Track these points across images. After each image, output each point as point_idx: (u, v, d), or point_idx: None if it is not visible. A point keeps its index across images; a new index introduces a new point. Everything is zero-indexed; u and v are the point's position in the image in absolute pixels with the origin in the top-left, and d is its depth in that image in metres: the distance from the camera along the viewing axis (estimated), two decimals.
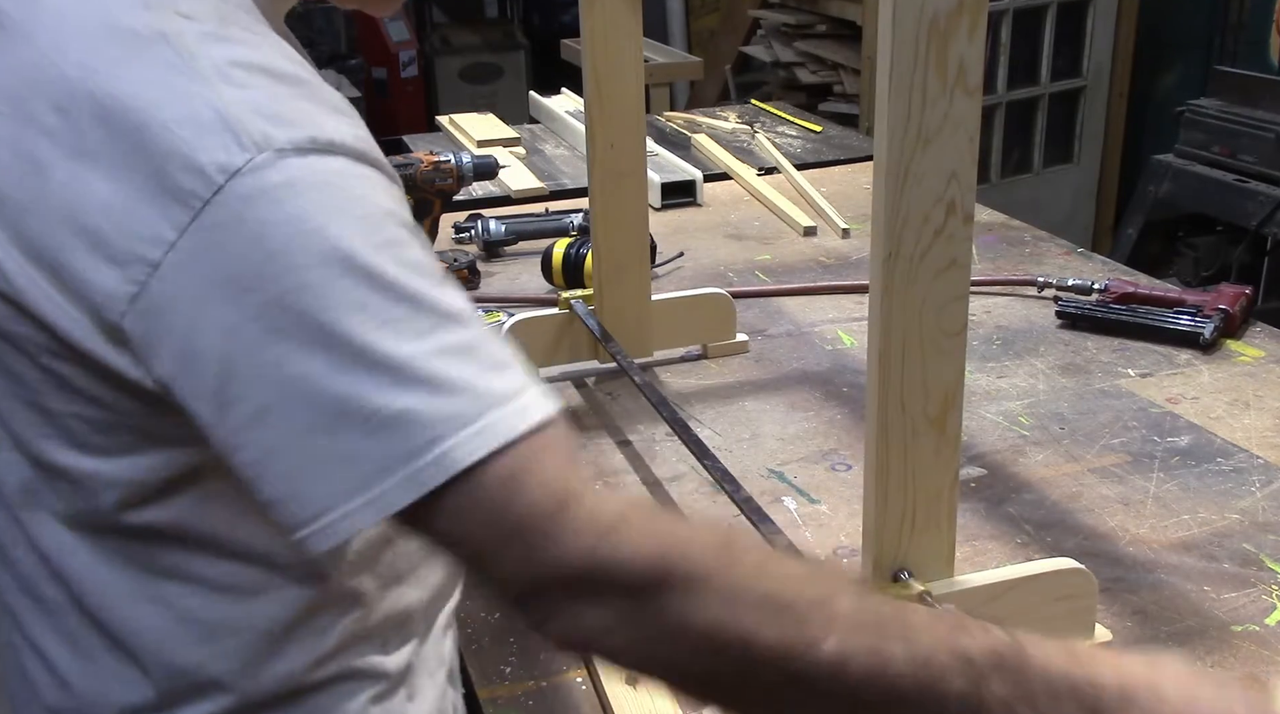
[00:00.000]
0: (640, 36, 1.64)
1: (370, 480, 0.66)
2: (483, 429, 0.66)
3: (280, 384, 0.66)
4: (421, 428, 0.65)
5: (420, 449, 0.65)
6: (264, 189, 0.66)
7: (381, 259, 0.67)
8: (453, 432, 0.65)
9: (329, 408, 0.65)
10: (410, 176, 2.19)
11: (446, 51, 6.36)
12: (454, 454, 0.65)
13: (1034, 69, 4.16)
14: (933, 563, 1.11)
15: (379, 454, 0.65)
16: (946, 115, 0.97)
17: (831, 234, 2.45)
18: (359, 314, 0.66)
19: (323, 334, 0.65)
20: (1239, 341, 1.90)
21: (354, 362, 0.65)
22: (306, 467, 0.67)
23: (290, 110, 0.70)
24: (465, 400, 0.66)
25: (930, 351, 1.04)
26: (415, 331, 0.67)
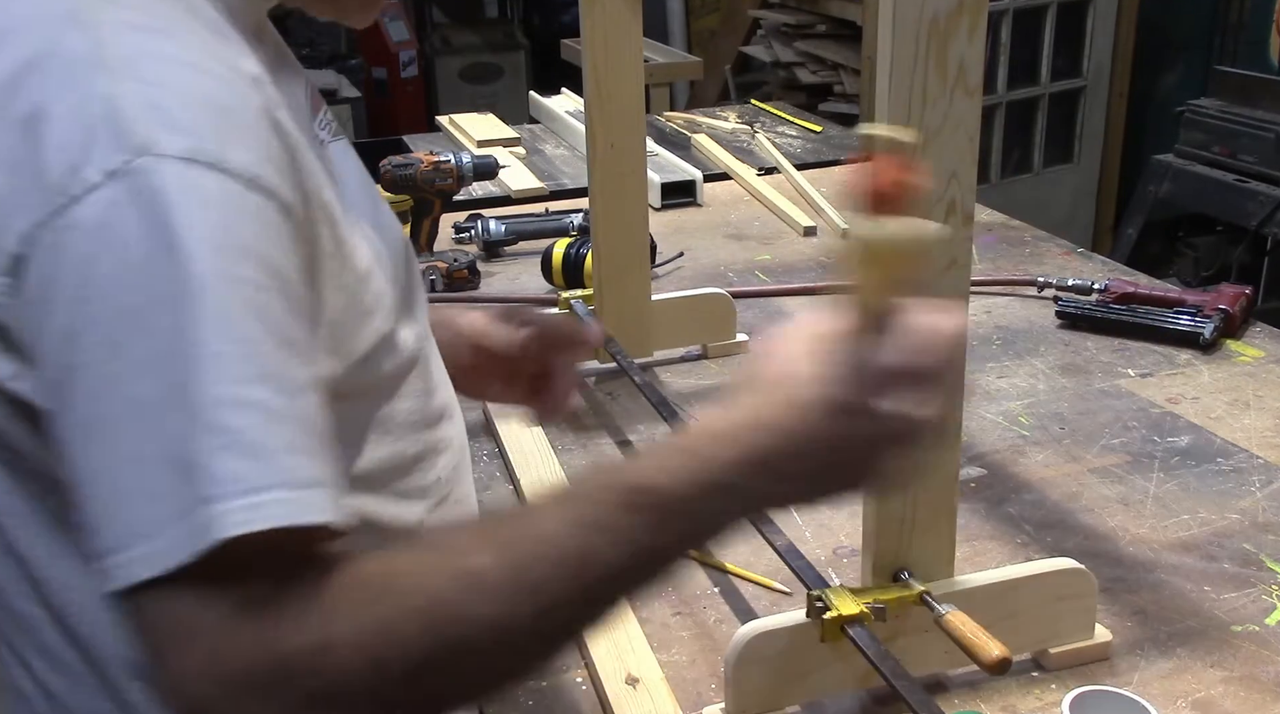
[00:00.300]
0: (640, 36, 1.64)
1: (161, 526, 0.61)
2: (258, 505, 0.61)
3: (109, 403, 0.63)
4: (201, 480, 0.61)
5: (186, 508, 0.61)
6: (133, 195, 0.64)
7: (231, 297, 0.64)
8: (230, 497, 0.61)
9: (147, 438, 0.62)
10: (410, 176, 2.20)
11: (446, 51, 6.37)
12: (220, 524, 0.61)
13: (1034, 69, 4.16)
14: (933, 563, 1.11)
15: (179, 497, 0.61)
16: (946, 115, 0.97)
17: (832, 234, 2.45)
18: (193, 348, 0.62)
19: (155, 361, 0.62)
20: (1239, 341, 1.90)
21: (172, 398, 0.62)
22: (118, 495, 0.62)
23: (190, 115, 0.66)
24: (254, 464, 0.62)
25: None
26: (234, 377, 0.63)
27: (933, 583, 1.10)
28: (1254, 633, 1.23)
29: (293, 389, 0.66)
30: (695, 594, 1.32)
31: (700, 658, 1.22)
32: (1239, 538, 1.39)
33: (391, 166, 2.20)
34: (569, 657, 1.22)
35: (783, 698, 1.11)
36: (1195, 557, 1.36)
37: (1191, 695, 1.14)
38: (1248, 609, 1.27)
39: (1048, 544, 1.39)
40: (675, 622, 1.28)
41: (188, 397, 0.62)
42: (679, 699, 1.15)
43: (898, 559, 1.10)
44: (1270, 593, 1.29)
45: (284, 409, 0.64)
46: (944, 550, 1.11)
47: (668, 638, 1.25)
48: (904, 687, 0.99)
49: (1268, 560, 1.35)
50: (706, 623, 1.27)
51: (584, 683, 1.19)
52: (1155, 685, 1.16)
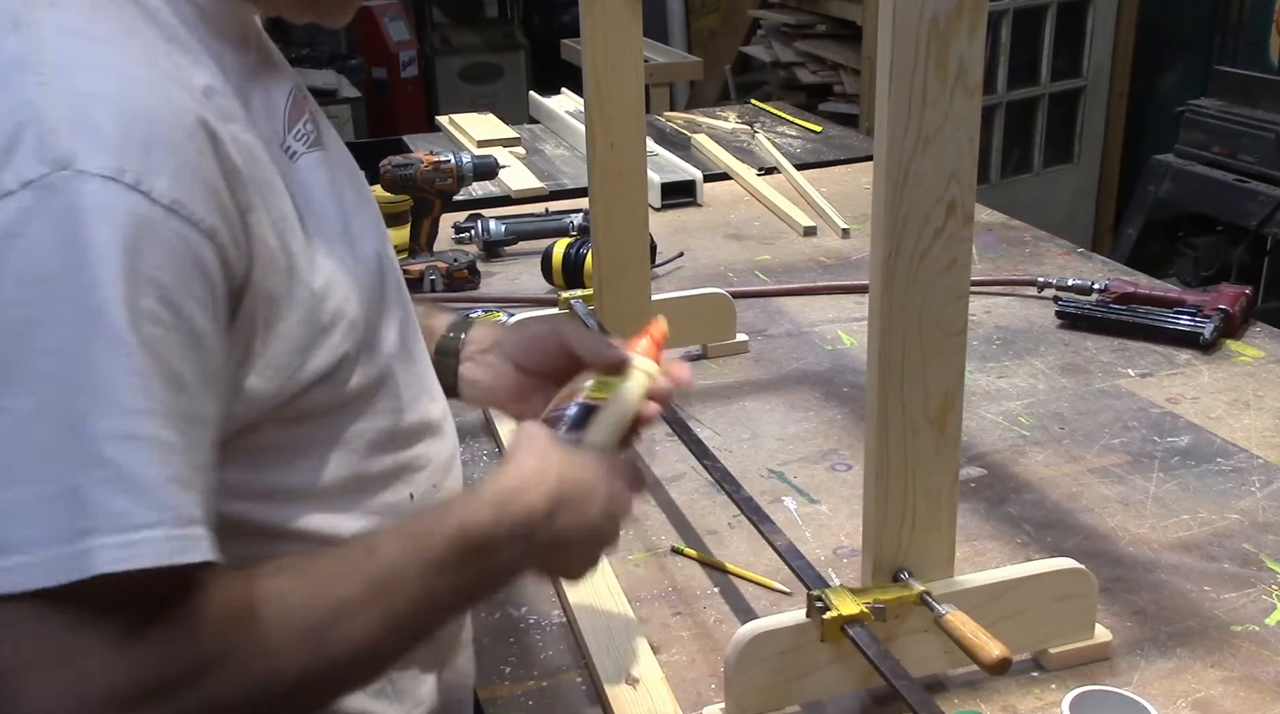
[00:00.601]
0: (640, 36, 1.64)
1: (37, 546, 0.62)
2: (134, 542, 0.62)
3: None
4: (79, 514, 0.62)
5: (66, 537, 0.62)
6: (47, 207, 0.63)
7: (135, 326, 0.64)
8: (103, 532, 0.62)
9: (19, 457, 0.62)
10: (410, 176, 2.20)
11: (446, 51, 6.36)
12: (94, 558, 0.62)
13: (1034, 69, 4.16)
14: (933, 563, 1.11)
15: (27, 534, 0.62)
16: (946, 115, 0.97)
17: (831, 234, 2.45)
18: (86, 374, 0.63)
19: (46, 379, 0.62)
20: (1239, 341, 1.90)
21: (60, 422, 0.62)
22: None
23: (117, 132, 0.65)
24: (133, 501, 0.63)
25: (930, 352, 1.04)
26: (124, 409, 0.63)
27: (933, 583, 1.10)
28: (1254, 633, 1.23)
29: (181, 425, 0.66)
30: (695, 594, 1.32)
31: (700, 658, 1.22)
32: (1239, 538, 1.39)
33: (391, 166, 2.20)
34: (569, 657, 1.22)
35: (783, 698, 1.11)
36: (1195, 557, 1.36)
37: (1191, 695, 1.14)
38: (1248, 609, 1.27)
39: (1048, 544, 1.39)
40: (675, 622, 1.28)
41: (76, 424, 0.62)
42: (679, 699, 1.15)
43: (898, 559, 1.10)
44: (1270, 593, 1.29)
45: (171, 445, 0.65)
46: (944, 550, 1.11)
47: (668, 638, 1.25)
48: (904, 687, 0.99)
49: (1268, 560, 1.35)
50: (706, 623, 1.27)
51: (584, 683, 1.19)
52: (1155, 685, 1.16)
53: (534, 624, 1.28)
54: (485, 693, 1.18)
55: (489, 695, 1.18)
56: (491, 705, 1.17)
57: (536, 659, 1.23)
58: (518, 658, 1.23)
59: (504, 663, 1.22)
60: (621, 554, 1.40)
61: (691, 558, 1.39)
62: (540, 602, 1.32)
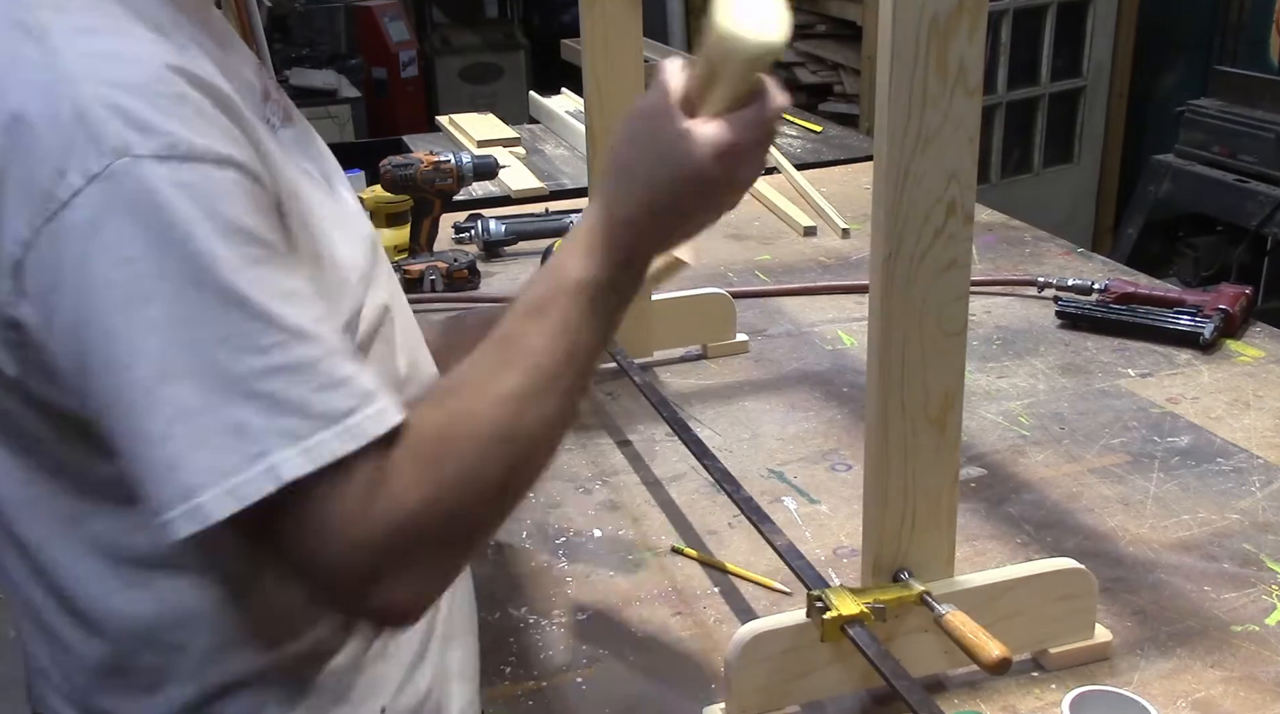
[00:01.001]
0: (640, 36, 1.64)
1: (193, 490, 0.69)
2: (309, 447, 0.70)
3: (127, 385, 0.69)
4: (250, 441, 0.69)
5: (244, 463, 0.69)
6: (120, 194, 0.69)
7: (231, 274, 0.70)
8: (280, 447, 0.69)
9: (165, 413, 0.69)
10: (410, 176, 2.19)
11: (446, 51, 6.36)
12: (280, 470, 0.69)
13: (1034, 69, 4.16)
14: (933, 563, 1.11)
15: (206, 464, 0.69)
16: (946, 115, 0.97)
17: (831, 234, 2.45)
18: (203, 328, 0.69)
19: (164, 343, 0.68)
20: (1239, 341, 1.90)
21: (192, 373, 0.69)
22: (148, 464, 0.70)
23: (155, 110, 0.71)
24: (294, 420, 0.70)
25: (930, 351, 1.04)
26: (256, 348, 0.70)
27: (933, 583, 1.10)
28: (1254, 633, 1.23)
29: (313, 331, 0.73)
30: (695, 594, 1.32)
31: (700, 658, 1.22)
32: (1239, 538, 1.39)
33: (391, 166, 2.20)
34: (569, 657, 1.22)
35: (783, 698, 1.11)
36: (1195, 557, 1.36)
37: (1191, 695, 1.14)
38: (1248, 609, 1.27)
39: (1048, 544, 1.39)
40: (675, 622, 1.28)
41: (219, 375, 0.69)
42: (679, 699, 1.15)
43: (898, 559, 1.10)
44: (1270, 593, 1.29)
45: (309, 358, 0.72)
46: (944, 550, 1.11)
47: (668, 638, 1.25)
48: (904, 687, 0.99)
49: (1268, 560, 1.35)
50: (706, 623, 1.27)
51: (584, 683, 1.19)
52: (1155, 685, 1.16)
53: (534, 624, 1.28)
54: (485, 693, 1.18)
55: (489, 695, 1.18)
56: (491, 705, 1.17)
57: (536, 659, 1.23)
58: (518, 658, 1.23)
59: (504, 663, 1.22)
60: (621, 554, 1.40)
61: (691, 558, 1.39)
62: (540, 601, 1.32)
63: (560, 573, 1.37)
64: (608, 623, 1.28)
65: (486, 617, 1.30)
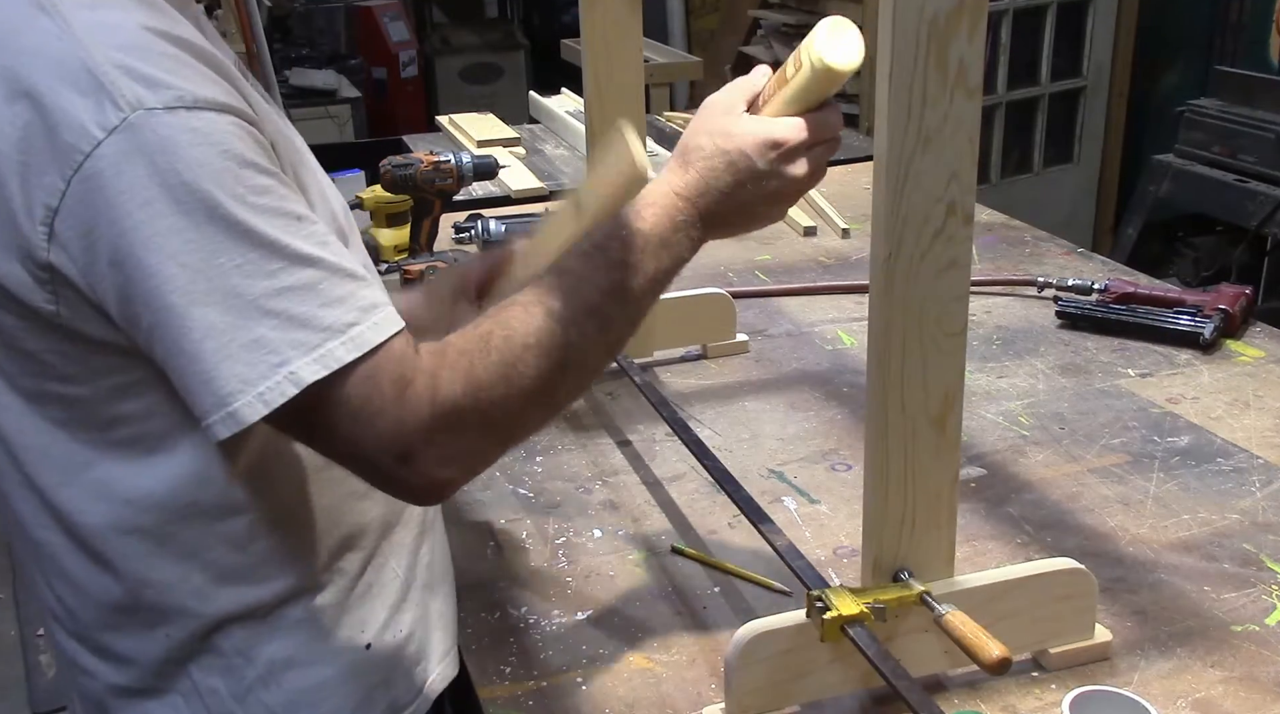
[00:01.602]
0: (640, 36, 1.64)
1: (227, 398, 0.80)
2: (322, 355, 0.80)
3: (163, 310, 0.80)
4: (270, 353, 0.80)
5: (268, 372, 0.80)
6: (138, 143, 0.78)
7: (240, 208, 0.80)
8: (297, 357, 0.80)
9: (196, 334, 0.80)
10: (410, 176, 2.19)
11: (446, 51, 6.36)
12: (300, 375, 0.80)
13: (1034, 69, 4.16)
14: (933, 563, 1.11)
15: (235, 374, 0.80)
16: (946, 115, 0.97)
17: (831, 234, 2.45)
18: (220, 257, 0.79)
19: (189, 272, 0.79)
20: (1239, 341, 1.90)
21: (213, 296, 0.79)
22: (190, 377, 0.81)
23: (159, 69, 0.80)
24: (304, 333, 0.80)
25: (930, 352, 1.04)
26: (265, 272, 0.80)
27: (933, 583, 1.10)
28: (1254, 633, 1.23)
29: (320, 250, 0.83)
30: (695, 594, 1.32)
31: (700, 658, 1.22)
32: (1239, 538, 1.39)
33: (391, 166, 2.20)
34: (569, 657, 1.22)
35: (783, 698, 1.11)
36: (1195, 557, 1.36)
37: (1191, 695, 1.14)
38: (1248, 609, 1.27)
39: (1048, 544, 1.39)
40: (675, 622, 1.28)
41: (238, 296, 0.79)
42: (679, 699, 1.15)
43: (898, 559, 1.10)
44: (1270, 593, 1.29)
45: (316, 279, 0.82)
46: (944, 550, 1.11)
47: (668, 638, 1.25)
48: (904, 687, 0.99)
49: (1268, 560, 1.35)
50: (706, 623, 1.27)
51: (584, 683, 1.19)
52: (1155, 685, 1.16)
53: (534, 624, 1.28)
54: (485, 693, 1.18)
55: (489, 695, 1.18)
56: (491, 705, 1.17)
57: (536, 659, 1.23)
58: (518, 658, 1.23)
59: (504, 663, 1.22)
60: (622, 554, 1.40)
61: (691, 558, 1.39)
62: (540, 601, 1.32)
63: (560, 573, 1.37)
64: (608, 623, 1.28)
65: (487, 617, 1.30)
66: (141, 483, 0.90)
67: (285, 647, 0.97)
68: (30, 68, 0.80)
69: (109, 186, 0.78)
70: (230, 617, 0.95)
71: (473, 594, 1.33)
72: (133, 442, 0.89)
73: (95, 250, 0.80)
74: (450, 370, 0.86)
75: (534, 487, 1.55)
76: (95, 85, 0.78)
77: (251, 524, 0.93)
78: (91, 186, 0.78)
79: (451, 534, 1.45)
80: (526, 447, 1.65)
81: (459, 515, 1.49)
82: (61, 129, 0.78)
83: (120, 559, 0.92)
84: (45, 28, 0.81)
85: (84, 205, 0.79)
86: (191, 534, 0.92)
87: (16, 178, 0.80)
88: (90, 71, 0.79)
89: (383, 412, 0.83)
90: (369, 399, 0.83)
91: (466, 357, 0.86)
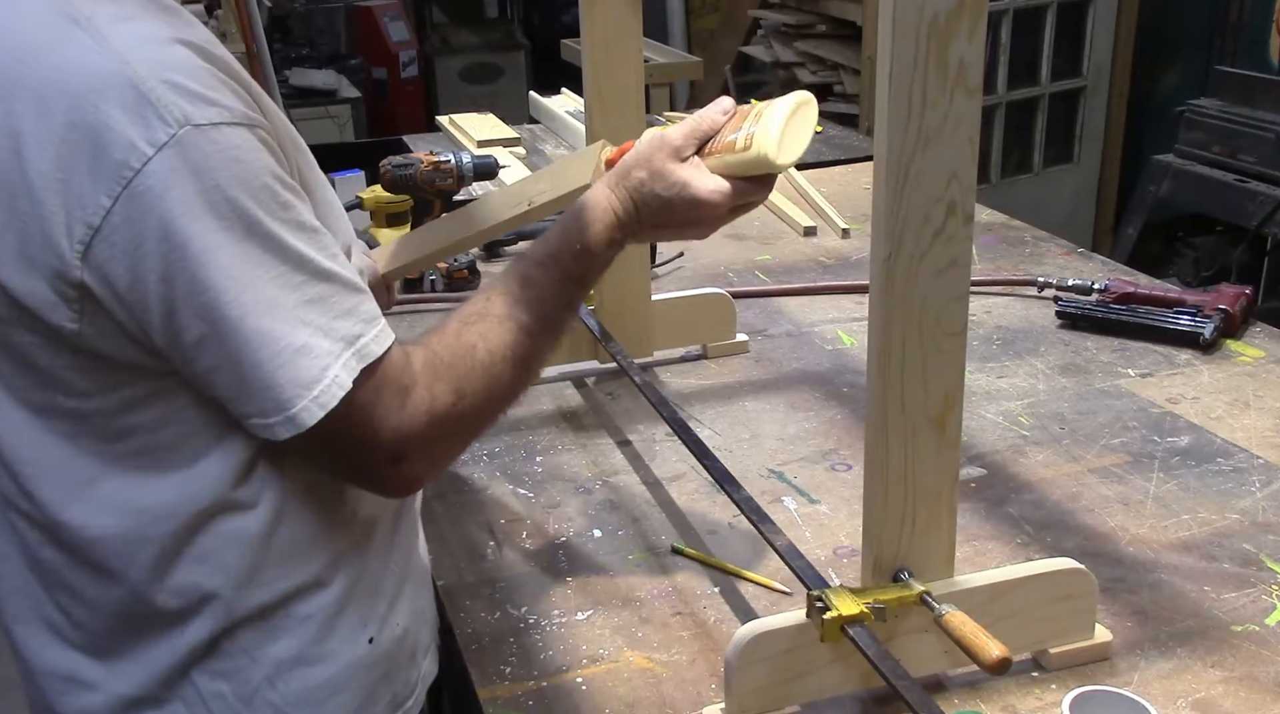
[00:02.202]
0: (640, 36, 1.64)
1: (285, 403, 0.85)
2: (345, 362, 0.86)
3: (217, 321, 0.82)
4: (316, 358, 0.84)
5: (319, 375, 0.85)
6: (187, 160, 0.79)
7: (273, 223, 0.83)
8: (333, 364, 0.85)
9: (254, 342, 0.83)
10: (410, 176, 2.19)
11: (446, 51, 6.36)
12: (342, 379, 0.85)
13: (1034, 69, 4.16)
14: (933, 563, 1.11)
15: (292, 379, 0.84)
16: (946, 115, 0.97)
17: (831, 234, 2.45)
18: (260, 270, 0.82)
19: (239, 284, 0.82)
20: (1239, 341, 1.90)
21: (261, 306, 0.82)
22: (247, 383, 0.84)
23: (201, 84, 0.82)
24: (330, 341, 0.85)
25: (930, 351, 1.04)
26: (294, 284, 0.84)
27: (933, 583, 1.10)
28: (1254, 633, 1.23)
29: (331, 262, 0.87)
30: (695, 594, 1.32)
31: (700, 658, 1.22)
32: (1239, 538, 1.39)
33: (391, 167, 2.20)
34: (569, 657, 1.22)
35: (783, 698, 1.11)
36: (1195, 557, 1.36)
37: (1191, 695, 1.14)
38: (1248, 609, 1.27)
39: (1048, 544, 1.39)
40: (675, 622, 1.28)
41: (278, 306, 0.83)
42: (679, 699, 1.15)
43: (898, 559, 1.10)
44: (1270, 593, 1.29)
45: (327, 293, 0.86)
46: (944, 550, 1.11)
47: (668, 638, 1.25)
48: (904, 687, 0.99)
49: (1268, 560, 1.35)
50: (706, 623, 1.27)
51: (584, 683, 1.19)
52: (1155, 685, 1.16)
53: (534, 624, 1.28)
54: (485, 693, 1.18)
55: (489, 695, 1.18)
56: (492, 705, 1.17)
57: (536, 659, 1.23)
58: (518, 658, 1.23)
59: (504, 663, 1.22)
60: (622, 554, 1.40)
61: (691, 558, 1.39)
62: (540, 601, 1.32)
63: (560, 573, 1.37)
64: (608, 623, 1.28)
65: (487, 617, 1.30)
66: (151, 493, 0.91)
67: (292, 645, 0.97)
68: (68, 83, 0.79)
69: (159, 203, 0.79)
70: (239, 618, 0.95)
71: (473, 594, 1.33)
72: (142, 453, 0.90)
73: (143, 266, 0.81)
74: (443, 382, 0.93)
75: (534, 487, 1.55)
76: (142, 101, 0.79)
77: (261, 526, 0.94)
78: (141, 204, 0.79)
79: (452, 534, 1.45)
80: (526, 447, 1.65)
81: (459, 515, 1.49)
82: (108, 146, 0.78)
83: (129, 569, 0.92)
84: (81, 42, 0.80)
85: (131, 222, 0.80)
86: (203, 539, 0.93)
87: (57, 196, 0.80)
88: (135, 87, 0.79)
89: (385, 419, 0.89)
90: (374, 406, 0.88)
91: (455, 370, 0.94)
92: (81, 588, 0.94)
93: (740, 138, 1.06)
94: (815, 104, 1.09)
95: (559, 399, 1.79)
